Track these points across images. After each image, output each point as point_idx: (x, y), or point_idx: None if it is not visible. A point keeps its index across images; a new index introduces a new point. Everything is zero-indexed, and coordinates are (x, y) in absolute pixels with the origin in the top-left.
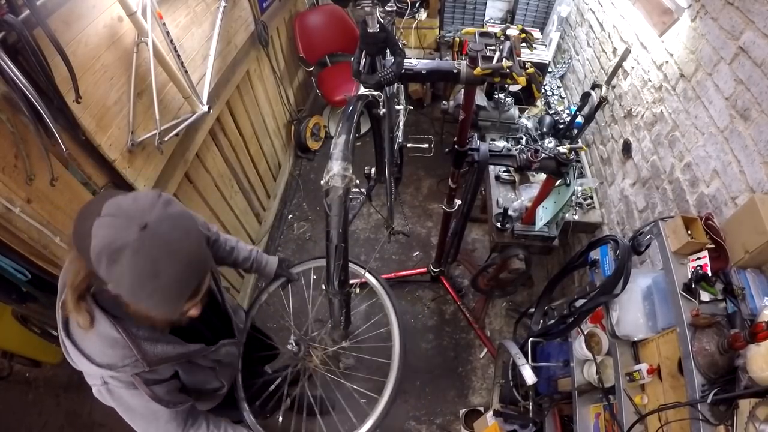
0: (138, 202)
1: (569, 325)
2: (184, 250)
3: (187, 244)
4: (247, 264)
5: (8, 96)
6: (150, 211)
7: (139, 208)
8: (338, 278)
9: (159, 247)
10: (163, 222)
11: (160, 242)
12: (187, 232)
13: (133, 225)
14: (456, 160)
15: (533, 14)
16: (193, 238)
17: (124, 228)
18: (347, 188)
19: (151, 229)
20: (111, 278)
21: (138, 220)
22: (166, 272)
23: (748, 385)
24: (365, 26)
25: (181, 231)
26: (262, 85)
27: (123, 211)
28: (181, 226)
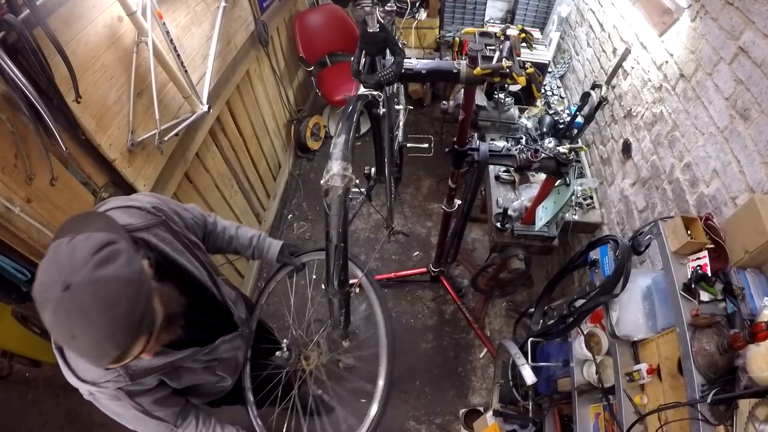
0: (73, 256)
1: (569, 325)
2: (101, 321)
3: (106, 317)
4: (248, 252)
5: (8, 96)
6: (79, 270)
7: (70, 263)
8: (338, 278)
9: (76, 312)
10: (85, 287)
11: (78, 309)
12: (112, 303)
13: (58, 282)
14: (456, 159)
15: (533, 14)
16: (119, 310)
17: (51, 282)
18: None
19: (72, 293)
20: (84, 349)
21: (64, 278)
22: (81, 337)
23: (748, 385)
24: (365, 26)
25: (103, 301)
26: (262, 84)
27: (57, 262)
28: (105, 296)
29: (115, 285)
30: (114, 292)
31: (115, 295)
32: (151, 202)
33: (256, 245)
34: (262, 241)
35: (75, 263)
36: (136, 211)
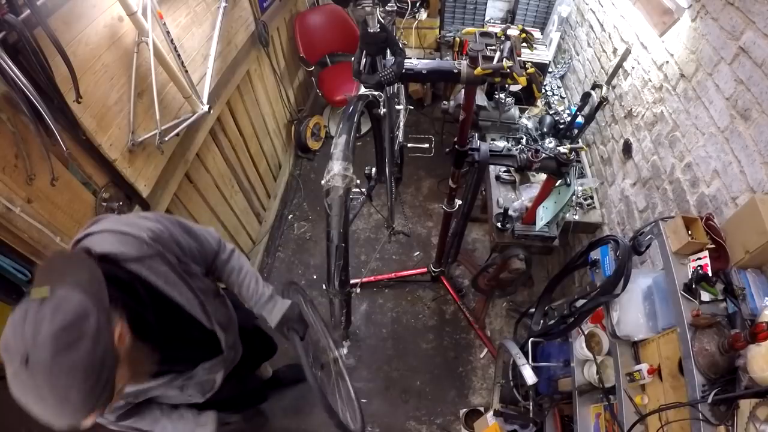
0: (38, 330)
1: (569, 325)
2: (54, 402)
3: (58, 400)
4: (248, 304)
5: (9, 96)
6: (40, 349)
7: (33, 337)
8: (339, 278)
9: (31, 387)
10: (42, 369)
11: (33, 385)
12: (66, 390)
13: (19, 351)
14: (456, 160)
15: (533, 14)
16: (73, 394)
17: (14, 348)
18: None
19: (30, 368)
20: None
21: (24, 350)
22: (33, 407)
23: (749, 386)
24: (366, 26)
25: (58, 388)
26: (262, 85)
27: (22, 329)
28: (61, 384)
29: (73, 375)
30: (70, 381)
31: (71, 383)
32: (151, 229)
33: (259, 302)
34: (261, 308)
35: (37, 340)
36: (131, 240)
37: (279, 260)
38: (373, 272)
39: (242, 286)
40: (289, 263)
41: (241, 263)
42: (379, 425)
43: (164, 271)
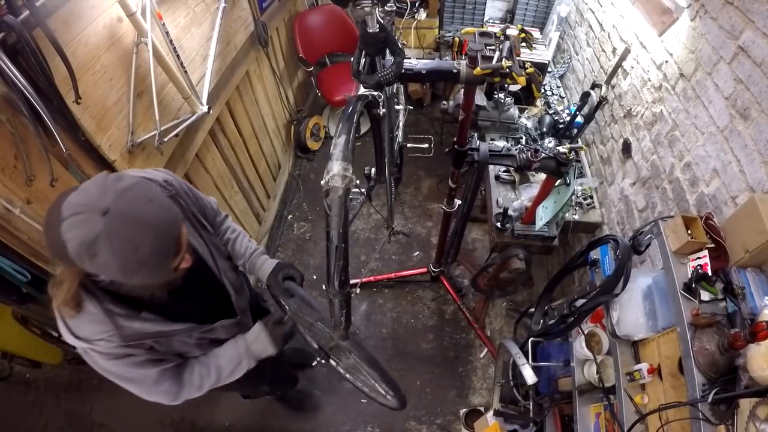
0: (89, 192)
1: (569, 325)
2: (150, 215)
3: (151, 208)
4: (239, 262)
5: (8, 97)
6: (104, 194)
7: (93, 196)
8: (338, 278)
9: (127, 222)
10: (120, 199)
11: (126, 218)
12: (147, 198)
13: (95, 215)
14: (456, 159)
15: (533, 14)
16: (155, 201)
17: (88, 221)
18: (347, 188)
19: (113, 211)
20: (100, 270)
21: (98, 208)
22: (144, 242)
23: (749, 385)
24: (365, 26)
25: (141, 200)
26: (261, 85)
27: (80, 207)
28: (139, 196)
29: (141, 184)
30: (143, 190)
31: (146, 190)
32: (163, 176)
33: (249, 258)
34: (257, 257)
35: (97, 194)
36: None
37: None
38: (373, 272)
39: (236, 241)
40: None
41: (234, 225)
42: (379, 425)
43: None
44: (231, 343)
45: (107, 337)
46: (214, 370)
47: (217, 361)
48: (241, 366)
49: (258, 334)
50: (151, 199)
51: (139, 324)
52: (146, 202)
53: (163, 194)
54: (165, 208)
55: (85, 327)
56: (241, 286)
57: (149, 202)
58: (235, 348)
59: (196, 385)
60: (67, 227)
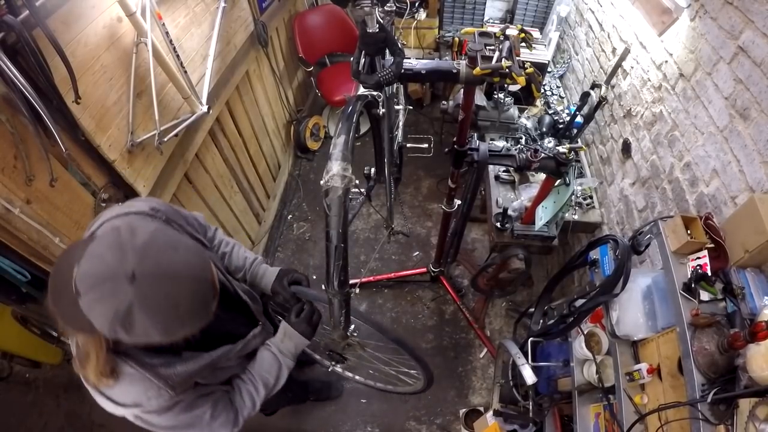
0: (105, 258)
1: (569, 325)
2: (181, 265)
3: (179, 258)
4: (240, 275)
5: (8, 97)
6: (124, 257)
7: (113, 262)
8: (338, 278)
9: (159, 282)
10: (144, 258)
11: (157, 277)
12: (172, 247)
13: (121, 283)
14: (455, 160)
15: (532, 14)
16: (180, 247)
17: (116, 292)
18: (347, 188)
19: (141, 273)
20: (138, 338)
21: (122, 275)
22: (181, 296)
23: (748, 385)
24: (364, 26)
25: (166, 252)
26: (261, 85)
27: (100, 277)
28: (162, 248)
29: (158, 232)
30: (163, 240)
31: (166, 239)
32: (148, 204)
33: (249, 269)
34: (257, 266)
35: (116, 259)
36: (135, 217)
37: (278, 261)
38: (373, 272)
39: (232, 254)
40: (288, 263)
41: (226, 237)
42: (379, 425)
43: None
44: (263, 352)
45: (155, 393)
46: (260, 383)
47: (260, 373)
48: (282, 369)
49: (284, 332)
50: (175, 247)
51: (181, 367)
52: (172, 252)
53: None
54: (192, 252)
55: (129, 391)
56: (253, 296)
57: (175, 251)
58: (270, 354)
59: (249, 405)
60: (90, 303)
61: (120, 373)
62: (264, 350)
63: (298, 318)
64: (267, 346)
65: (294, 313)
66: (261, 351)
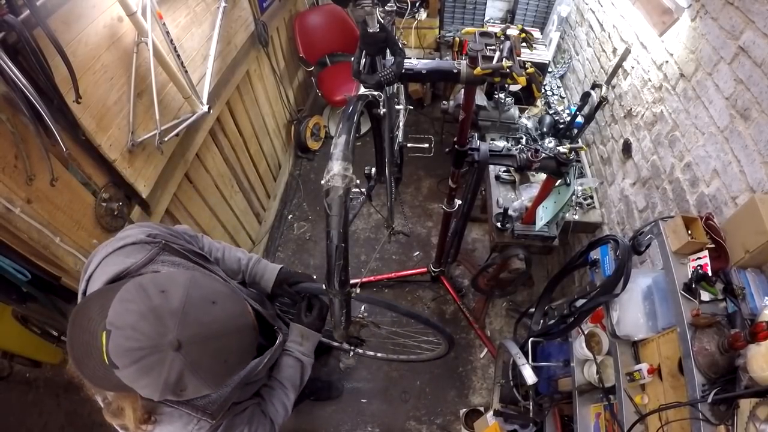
0: (143, 329)
1: (569, 325)
2: (223, 319)
3: (219, 312)
4: (238, 277)
5: (8, 96)
6: (163, 325)
7: (152, 332)
8: (339, 278)
9: (206, 344)
10: (186, 323)
11: (204, 339)
12: (210, 301)
13: (167, 354)
14: (456, 159)
15: (533, 14)
16: (218, 300)
17: (162, 362)
18: (347, 188)
19: (186, 340)
20: (192, 397)
21: (167, 345)
22: (229, 350)
23: (749, 385)
24: (365, 26)
25: (205, 310)
26: (262, 85)
27: (142, 350)
28: (200, 306)
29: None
30: (197, 294)
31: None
32: (142, 231)
33: (247, 270)
34: (255, 265)
35: (155, 329)
36: (133, 248)
37: (279, 260)
38: (373, 272)
39: (225, 259)
40: (288, 263)
41: (215, 242)
42: (379, 425)
43: (179, 261)
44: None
45: (195, 426)
46: (290, 388)
47: (287, 378)
48: (306, 368)
49: (301, 334)
50: (213, 300)
51: (215, 394)
52: (211, 308)
53: (212, 280)
54: (229, 299)
55: (170, 431)
56: (260, 296)
57: (213, 305)
58: (294, 360)
59: (282, 412)
60: (133, 375)
61: (157, 414)
62: (286, 356)
63: (309, 316)
64: (288, 351)
65: (303, 312)
66: (284, 358)
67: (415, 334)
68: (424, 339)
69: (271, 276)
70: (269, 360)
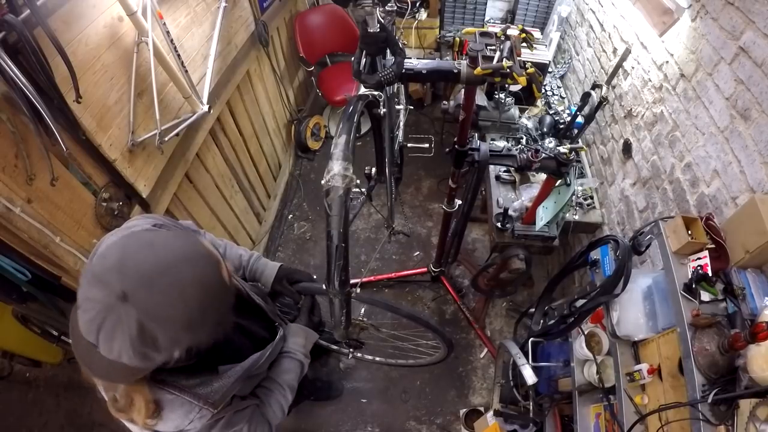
0: (94, 296)
1: (569, 325)
2: (163, 258)
3: (158, 253)
4: (238, 273)
5: (8, 96)
6: (107, 285)
7: (101, 296)
8: (339, 278)
9: (151, 286)
10: (125, 274)
11: (147, 284)
12: (146, 246)
13: (118, 310)
14: (456, 160)
15: (533, 14)
16: (156, 243)
17: (119, 321)
18: (348, 188)
19: (129, 290)
20: (173, 349)
21: (116, 303)
22: (182, 285)
23: (749, 385)
24: (365, 26)
25: (142, 255)
26: (262, 84)
27: (99, 317)
28: (136, 254)
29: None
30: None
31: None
32: (148, 221)
33: (247, 266)
34: (255, 262)
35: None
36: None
37: (279, 260)
38: (373, 272)
39: (227, 255)
40: (289, 263)
41: (216, 238)
42: (379, 425)
43: None
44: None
45: (197, 414)
46: (287, 389)
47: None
48: (304, 368)
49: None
50: (150, 244)
51: (218, 383)
52: (149, 250)
53: (155, 232)
54: (172, 236)
55: (171, 418)
56: (262, 292)
57: (151, 247)
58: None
59: (279, 414)
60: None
61: (160, 401)
62: (289, 359)
63: (311, 317)
64: (292, 353)
65: (305, 313)
66: (286, 360)
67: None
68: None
69: (271, 272)
70: (271, 354)
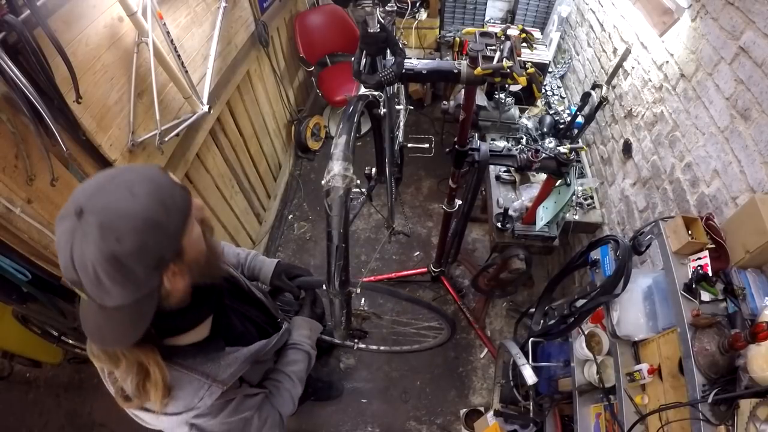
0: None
1: (570, 325)
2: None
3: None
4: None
5: (9, 96)
6: (71, 213)
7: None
8: (339, 278)
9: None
10: (85, 194)
11: (99, 190)
12: (109, 177)
13: (78, 223)
14: (456, 160)
15: (533, 14)
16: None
17: (85, 234)
18: (348, 188)
19: (84, 201)
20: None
21: (75, 218)
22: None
23: (749, 385)
24: (365, 26)
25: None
26: (262, 85)
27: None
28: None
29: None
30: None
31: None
32: None
33: (245, 264)
34: (253, 259)
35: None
36: None
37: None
38: (373, 272)
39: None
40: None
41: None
42: (379, 425)
43: None
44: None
45: (206, 391)
46: (297, 379)
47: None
48: (311, 359)
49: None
50: (113, 177)
51: (224, 361)
52: (110, 179)
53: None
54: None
55: (180, 396)
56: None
57: (115, 172)
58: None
59: (289, 404)
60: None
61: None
62: (296, 350)
63: (314, 309)
64: (299, 345)
65: (308, 306)
66: (293, 351)
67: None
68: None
69: (269, 268)
70: (277, 342)
